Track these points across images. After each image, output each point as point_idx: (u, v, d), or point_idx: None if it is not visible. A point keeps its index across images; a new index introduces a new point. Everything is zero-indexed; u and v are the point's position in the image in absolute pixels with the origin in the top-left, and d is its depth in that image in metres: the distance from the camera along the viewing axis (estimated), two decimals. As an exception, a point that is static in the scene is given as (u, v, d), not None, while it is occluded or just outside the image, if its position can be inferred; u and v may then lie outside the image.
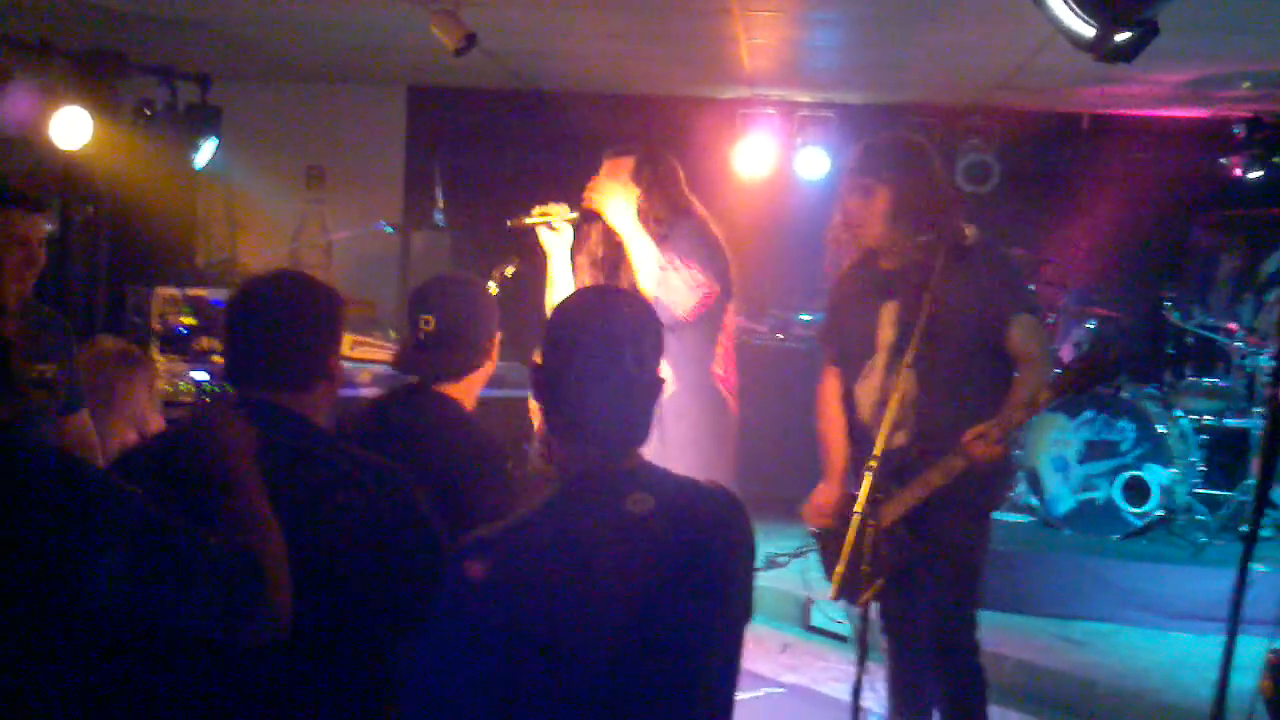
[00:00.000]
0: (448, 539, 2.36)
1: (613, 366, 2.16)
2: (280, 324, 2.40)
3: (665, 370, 4.04)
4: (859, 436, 3.91)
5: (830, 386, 4.08)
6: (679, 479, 2.24)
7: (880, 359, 3.82)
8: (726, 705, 2.21)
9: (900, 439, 3.64)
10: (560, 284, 4.29)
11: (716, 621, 2.16)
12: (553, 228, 4.22)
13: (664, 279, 4.08)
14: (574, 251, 4.33)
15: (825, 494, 4.00)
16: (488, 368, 3.10)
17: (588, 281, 4.29)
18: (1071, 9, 3.39)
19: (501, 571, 2.06)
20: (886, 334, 3.81)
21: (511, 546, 2.12)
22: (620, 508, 2.11)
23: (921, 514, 3.63)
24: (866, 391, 3.86)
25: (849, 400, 3.96)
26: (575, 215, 4.25)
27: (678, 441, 4.09)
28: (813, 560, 4.06)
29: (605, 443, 2.18)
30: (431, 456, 2.81)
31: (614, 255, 4.29)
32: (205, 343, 6.64)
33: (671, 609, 2.09)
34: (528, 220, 4.23)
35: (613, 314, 2.25)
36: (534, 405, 2.55)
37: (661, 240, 4.19)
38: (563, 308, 2.32)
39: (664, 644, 2.08)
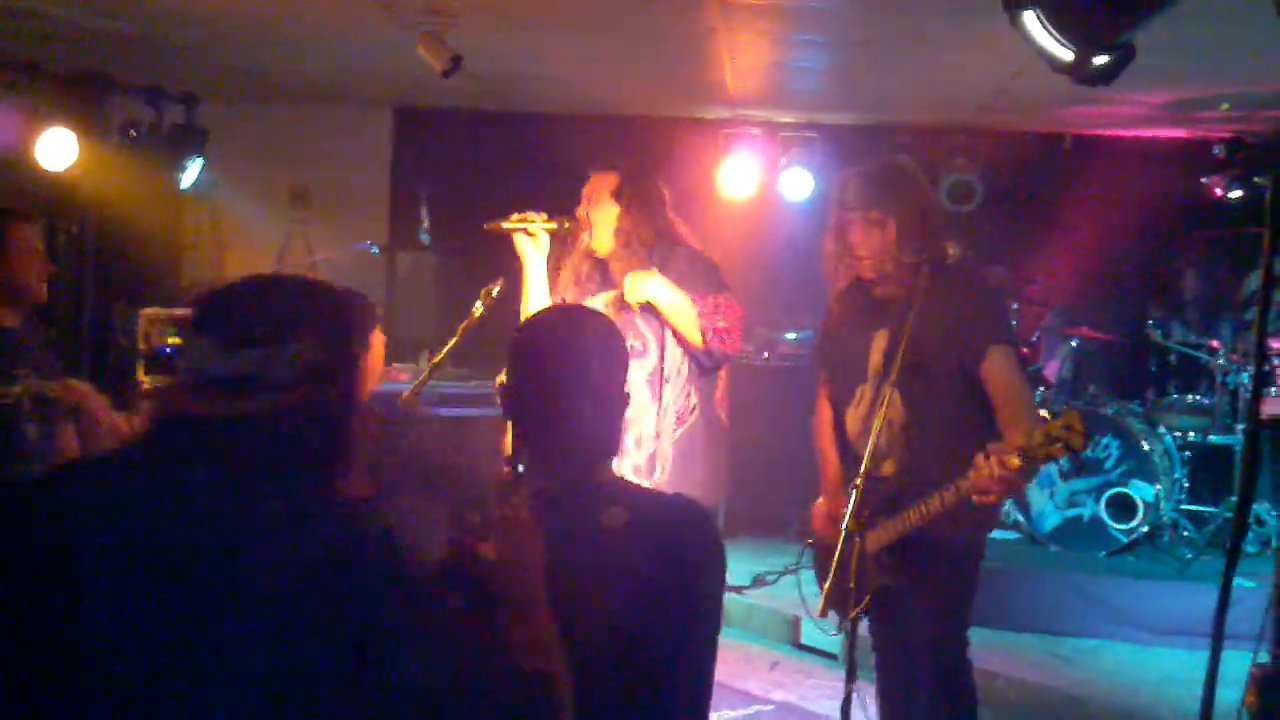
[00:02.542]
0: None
1: (580, 382, 2.19)
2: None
3: (692, 402, 4.23)
4: (849, 461, 3.93)
5: (827, 408, 4.11)
6: (649, 492, 2.26)
7: (869, 386, 3.84)
8: (703, 712, 2.22)
9: (888, 468, 3.65)
10: (535, 293, 4.27)
11: (690, 633, 2.17)
12: (530, 234, 4.21)
13: (707, 329, 4.16)
14: (555, 266, 4.34)
15: (820, 513, 4.04)
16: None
17: (569, 297, 4.30)
18: (1050, 33, 3.42)
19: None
20: (876, 362, 3.81)
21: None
22: (595, 522, 2.12)
23: (909, 538, 3.64)
24: (855, 418, 3.87)
25: (839, 425, 3.98)
26: (554, 225, 4.25)
27: (679, 457, 4.18)
28: (804, 577, 4.07)
29: (576, 458, 2.20)
30: None
31: (598, 276, 4.31)
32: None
33: (647, 621, 2.09)
34: (505, 225, 4.22)
35: (577, 331, 2.27)
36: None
37: (659, 269, 4.21)
38: (527, 326, 2.34)
39: (640, 656, 2.09)
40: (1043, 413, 6.44)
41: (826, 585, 3.55)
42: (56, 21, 5.87)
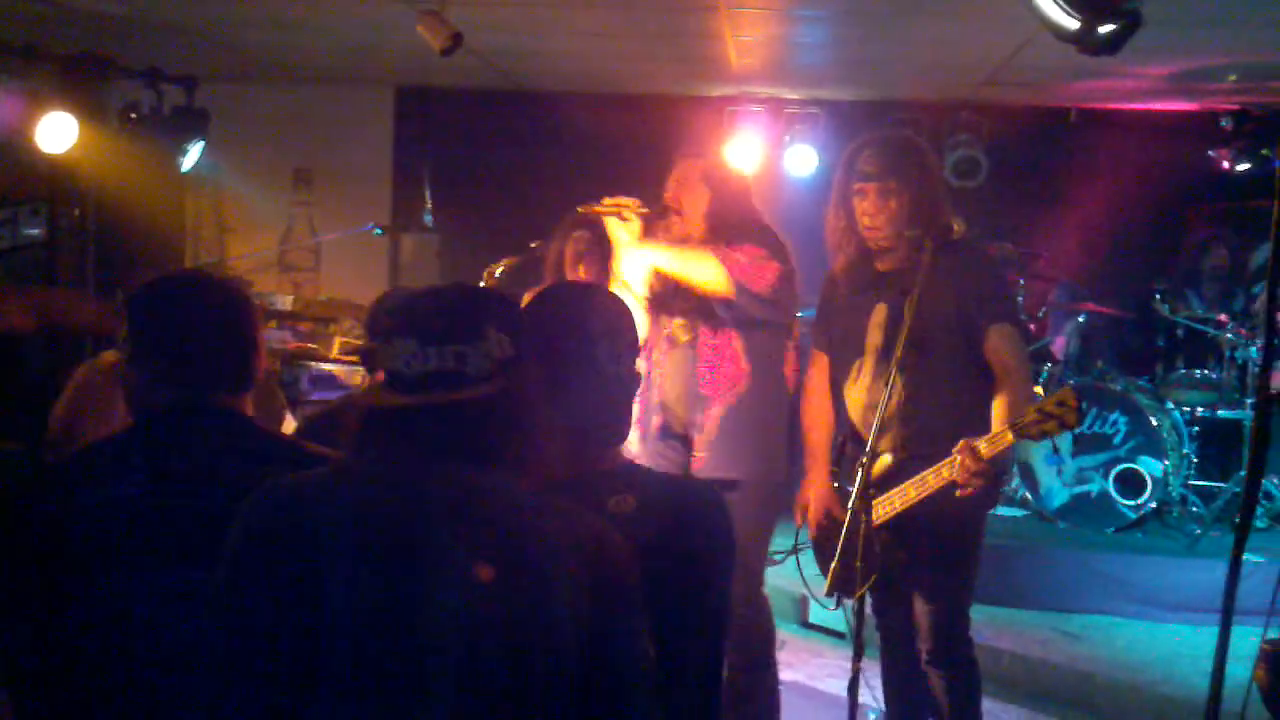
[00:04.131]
0: None
1: (588, 365, 2.15)
2: (224, 324, 2.37)
3: (744, 367, 4.12)
4: (852, 436, 3.91)
5: (817, 380, 4.06)
6: (661, 477, 2.23)
7: (868, 361, 3.81)
8: (714, 695, 2.20)
9: (885, 444, 3.63)
10: (625, 279, 4.20)
11: (701, 618, 2.15)
12: (624, 218, 4.14)
13: (727, 258, 4.03)
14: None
15: (812, 491, 3.98)
16: None
17: (655, 285, 4.23)
18: (1056, 1, 3.39)
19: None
20: (874, 336, 3.80)
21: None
22: (603, 510, 2.08)
23: (910, 516, 3.62)
24: (856, 393, 3.85)
25: (839, 400, 3.96)
26: (647, 210, 4.18)
27: (741, 435, 4.10)
28: (808, 556, 4.05)
29: (584, 443, 2.16)
30: None
31: None
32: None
33: (657, 608, 2.07)
34: (599, 208, 4.16)
35: (586, 311, 2.23)
36: None
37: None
38: (535, 305, 2.28)
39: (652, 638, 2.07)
40: (1037, 388, 6.42)
41: (833, 564, 3.54)
42: (56, 4, 5.84)
